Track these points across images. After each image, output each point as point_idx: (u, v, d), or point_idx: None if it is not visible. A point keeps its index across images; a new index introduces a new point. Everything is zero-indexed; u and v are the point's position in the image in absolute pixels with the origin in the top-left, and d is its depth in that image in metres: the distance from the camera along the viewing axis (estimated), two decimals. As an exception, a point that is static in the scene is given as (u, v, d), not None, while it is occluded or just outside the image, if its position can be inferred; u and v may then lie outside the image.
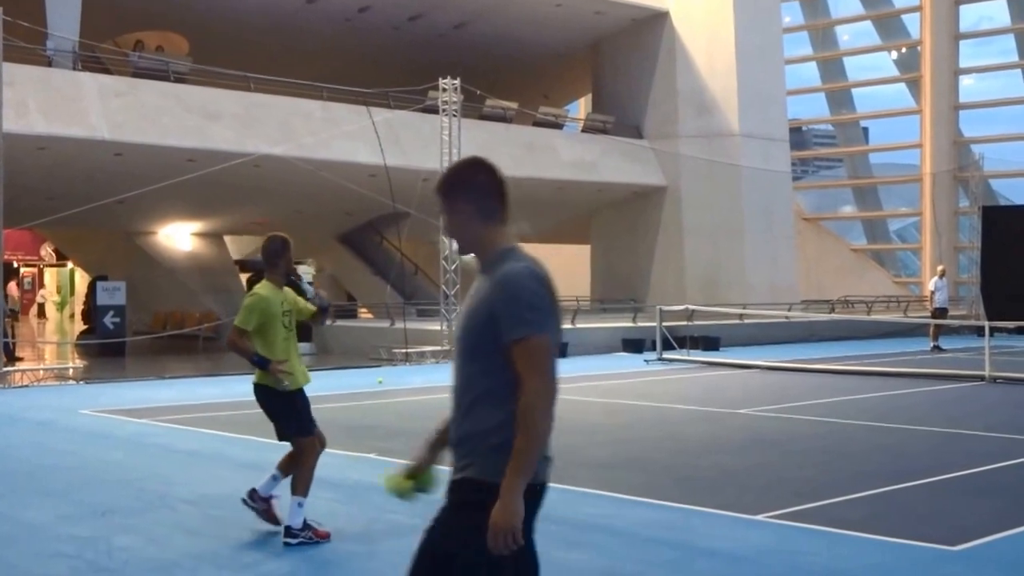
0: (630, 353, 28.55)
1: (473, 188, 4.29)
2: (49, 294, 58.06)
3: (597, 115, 37.45)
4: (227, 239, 38.98)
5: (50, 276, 59.32)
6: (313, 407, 8.37)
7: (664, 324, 26.75)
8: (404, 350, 25.99)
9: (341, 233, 38.65)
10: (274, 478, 8.40)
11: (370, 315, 36.49)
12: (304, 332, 29.54)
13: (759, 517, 8.63)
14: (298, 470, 8.12)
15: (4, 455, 11.81)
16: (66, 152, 24.86)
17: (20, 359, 25.11)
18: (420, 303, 33.61)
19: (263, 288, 8.29)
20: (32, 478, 10.45)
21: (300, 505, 7.99)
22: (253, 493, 8.41)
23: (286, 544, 7.91)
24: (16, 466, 11.07)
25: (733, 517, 8.66)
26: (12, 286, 55.57)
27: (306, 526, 8.00)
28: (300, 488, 8.02)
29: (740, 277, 36.61)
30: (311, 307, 8.54)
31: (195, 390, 19.24)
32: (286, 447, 8.36)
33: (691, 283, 36.38)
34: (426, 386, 20.13)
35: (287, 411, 8.23)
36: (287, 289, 8.45)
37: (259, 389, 8.28)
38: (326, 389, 19.41)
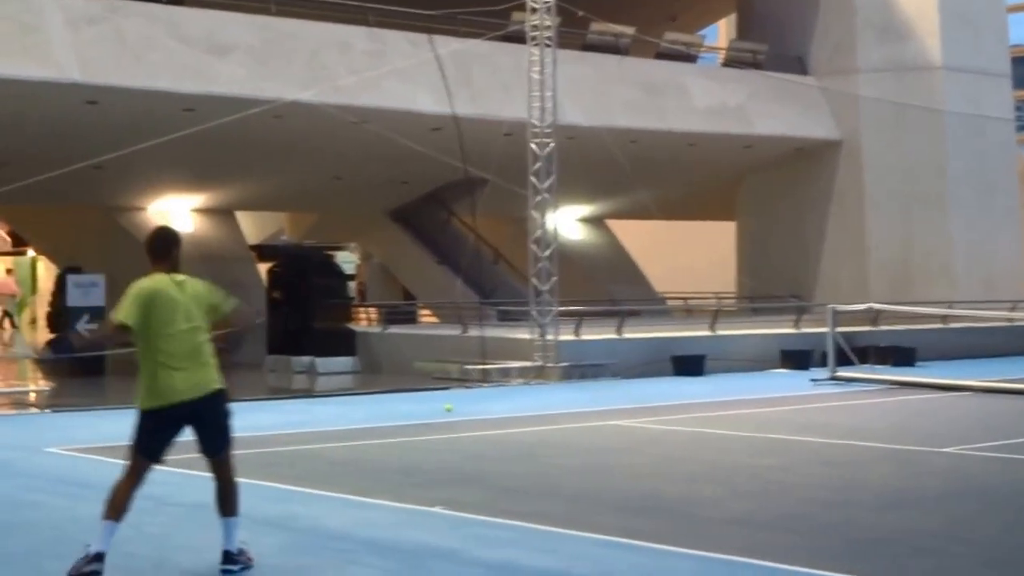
0: (791, 370, 28.41)
1: None
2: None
3: (744, 43, 37.30)
4: (240, 217, 39.39)
5: (2, 268, 60.33)
6: (357, 442, 8.50)
7: (838, 330, 26.58)
8: (481, 366, 26.13)
9: (394, 208, 38.86)
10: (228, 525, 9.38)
11: (434, 319, 36.65)
12: (344, 343, 29.98)
13: (966, 596, 8.60)
14: (234, 483, 9.48)
15: (-54, 508, 12.09)
16: (22, 100, 25.27)
17: (-35, 380, 25.61)
18: (503, 303, 33.70)
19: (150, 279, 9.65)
20: (-16, 538, 10.69)
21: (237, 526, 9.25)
22: (228, 555, 9.24)
23: (226, 572, 9.07)
24: (-38, 522, 11.34)
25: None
26: None
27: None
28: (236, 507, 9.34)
29: (944, 266, 36.26)
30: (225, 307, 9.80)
31: (198, 421, 19.47)
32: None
33: (876, 274, 36.11)
34: (511, 415, 20.21)
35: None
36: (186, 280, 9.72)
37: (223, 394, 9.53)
38: (374, 419, 19.58)
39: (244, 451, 15.93)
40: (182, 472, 14.27)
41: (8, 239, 55.89)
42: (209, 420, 9.52)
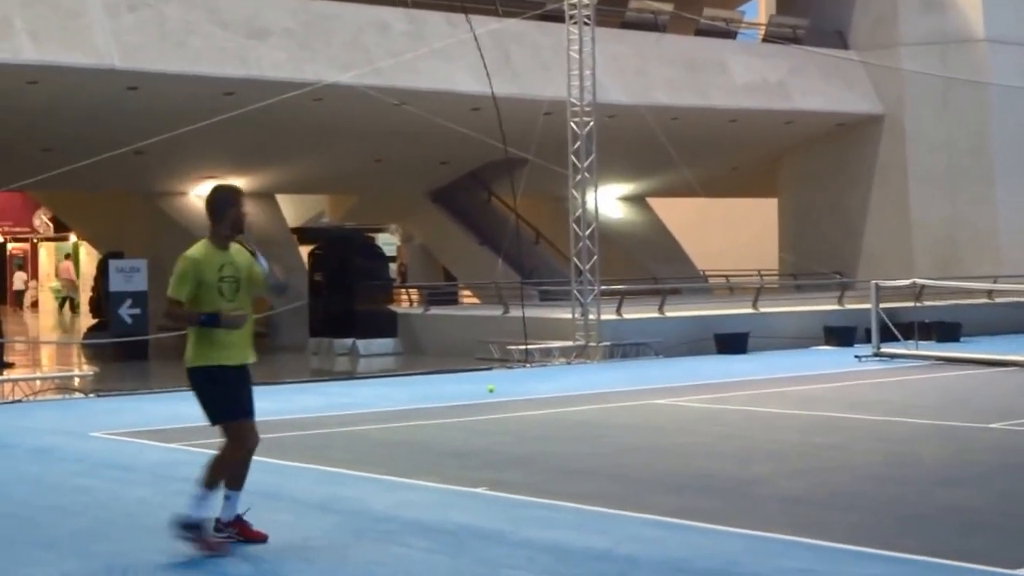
0: (835, 347, 28.35)
1: None
2: (45, 279, 59.47)
3: (784, 18, 37.15)
4: (281, 200, 39.47)
5: (46, 253, 60.76)
6: (400, 424, 8.45)
7: (883, 307, 26.45)
8: (523, 347, 26.10)
9: (435, 189, 38.89)
10: (227, 498, 9.39)
11: (476, 299, 36.66)
12: (386, 325, 30.01)
13: (1019, 572, 8.50)
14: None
15: (-8, 493, 12.14)
16: (65, 86, 25.40)
17: (10, 365, 25.77)
18: (544, 283, 33.68)
19: (196, 250, 9.61)
20: (29, 525, 10.70)
21: (205, 498, 9.19)
22: (218, 523, 9.29)
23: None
24: (8, 508, 11.36)
25: (980, 572, 8.55)
26: (20, 274, 57.36)
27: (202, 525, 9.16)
28: (220, 479, 9.32)
29: (989, 240, 36.05)
30: (262, 276, 9.86)
31: (242, 404, 19.50)
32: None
33: (920, 250, 35.94)
34: (554, 395, 20.19)
35: (223, 392, 9.59)
36: (235, 249, 9.75)
37: (198, 372, 9.49)
38: (417, 401, 19.58)
39: (288, 434, 16.02)
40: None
41: (51, 225, 56.26)
42: None
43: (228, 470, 9.42)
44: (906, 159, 36.39)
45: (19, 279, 58.79)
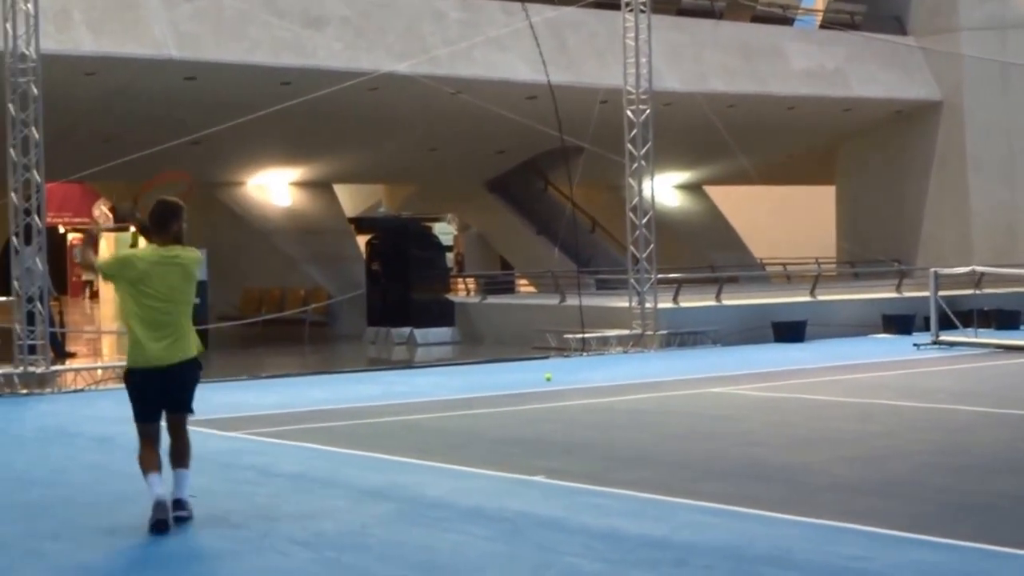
0: (893, 334, 28.26)
1: None
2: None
3: (842, 4, 36.95)
4: (338, 189, 39.64)
5: (105, 243, 61.12)
6: (458, 412, 8.56)
7: (941, 294, 26.33)
8: (580, 335, 26.14)
9: (491, 178, 38.94)
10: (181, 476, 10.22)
11: (532, 288, 36.71)
12: (443, 314, 30.11)
13: (1078, 560, 8.51)
14: (183, 442, 10.28)
15: (55, 481, 12.28)
16: (123, 77, 25.60)
17: (72, 355, 26.04)
18: (600, 271, 33.69)
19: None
20: (92, 511, 10.86)
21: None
22: (179, 503, 10.02)
23: (180, 519, 9.83)
24: (71, 495, 11.52)
25: (1040, 560, 8.56)
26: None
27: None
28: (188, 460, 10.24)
29: (1049, 226, 35.80)
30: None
31: (301, 393, 19.69)
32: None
33: (979, 237, 35.72)
34: (611, 384, 20.24)
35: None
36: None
37: (194, 363, 10.29)
38: (474, 389, 19.67)
39: (345, 422, 16.17)
40: (283, 443, 14.48)
41: (110, 215, 56.64)
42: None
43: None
44: (965, 145, 36.17)
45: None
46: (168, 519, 9.74)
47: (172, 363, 10.08)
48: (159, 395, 10.16)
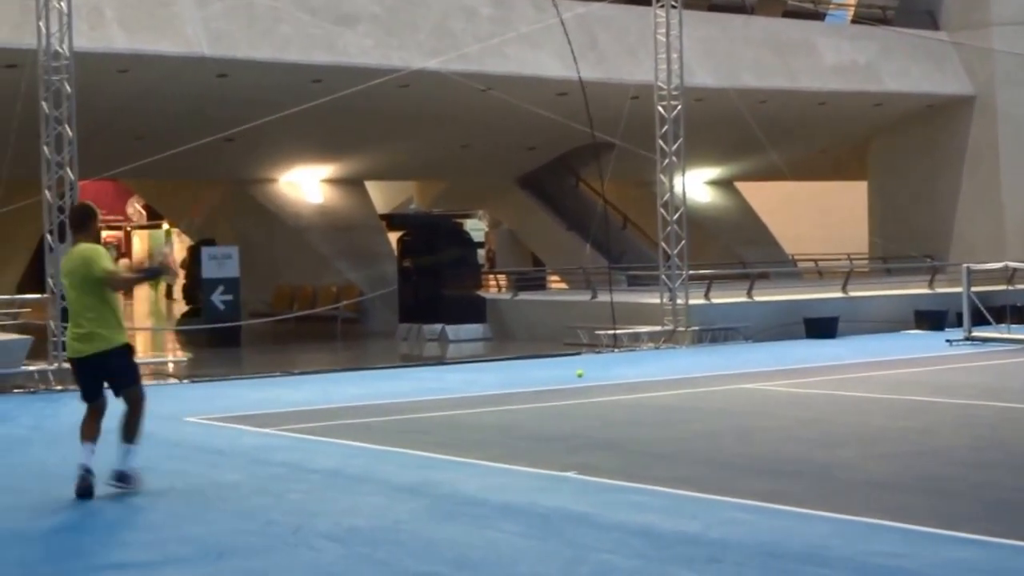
0: (926, 331, 28.18)
1: None
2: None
3: (873, -1, 36.85)
4: (369, 186, 39.72)
5: (139, 241, 61.50)
6: (490, 409, 8.56)
7: (974, 290, 26.25)
8: (612, 331, 26.13)
9: (522, 175, 38.96)
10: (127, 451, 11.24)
11: (564, 285, 36.71)
12: (474, 310, 30.14)
13: (1113, 557, 8.47)
14: (134, 419, 11.28)
15: (90, 477, 12.35)
16: (155, 75, 25.69)
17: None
18: (632, 268, 33.67)
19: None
20: (127, 507, 10.90)
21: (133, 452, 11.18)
22: (120, 475, 11.10)
23: (120, 488, 10.95)
24: (107, 491, 11.55)
25: (1076, 557, 8.52)
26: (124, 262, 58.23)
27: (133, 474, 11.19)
28: (138, 436, 11.21)
29: (1083, 221, 35.66)
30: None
31: (333, 389, 19.73)
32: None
33: (1012, 232, 35.59)
34: (643, 380, 20.21)
35: (130, 362, 11.49)
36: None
37: (127, 348, 11.39)
38: (507, 385, 19.67)
39: (378, 418, 16.18)
40: (316, 439, 14.51)
41: (144, 213, 56.93)
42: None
43: (139, 425, 11.31)
44: (998, 140, 36.01)
45: (123, 267, 59.62)
46: (87, 486, 10.85)
47: (91, 354, 11.19)
48: (91, 380, 11.33)
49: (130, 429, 11.24)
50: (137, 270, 11.88)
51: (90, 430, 11.23)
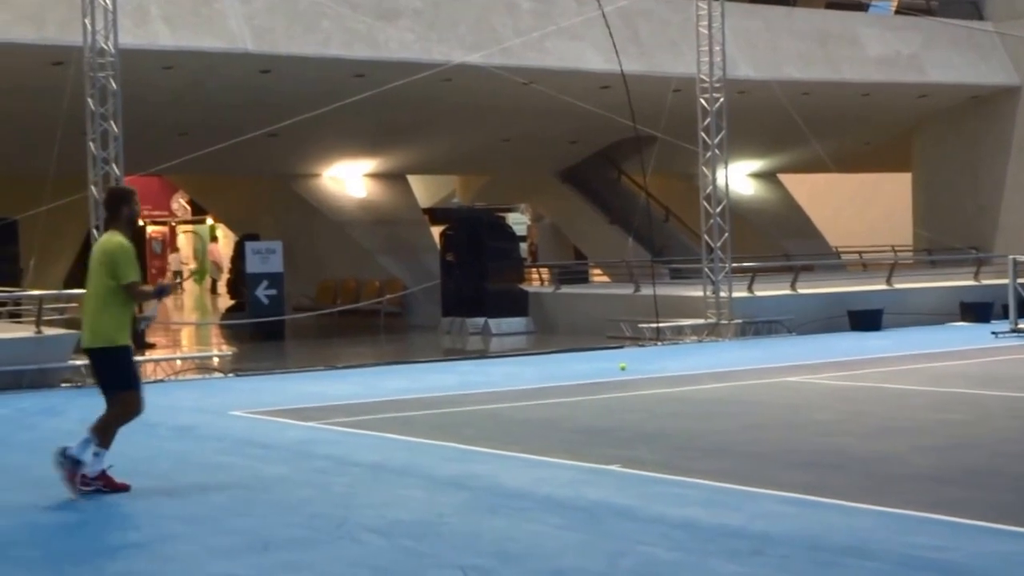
0: (971, 323, 28.06)
1: None
2: (184, 260, 60.55)
3: (917, -10, 36.67)
4: (412, 181, 39.78)
5: (184, 237, 61.78)
6: (533, 402, 8.56)
7: (1020, 282, 26.10)
8: (655, 325, 26.10)
9: (564, 169, 38.94)
10: (96, 455, 10.90)
11: (606, 278, 36.70)
12: (517, 304, 30.16)
13: None
14: (109, 417, 11.00)
15: (136, 470, 12.38)
16: (200, 71, 25.80)
17: (152, 346, 26.26)
18: (674, 260, 33.62)
19: (123, 239, 11.14)
20: (172, 499, 10.98)
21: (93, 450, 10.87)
22: (67, 455, 10.82)
23: (59, 464, 10.77)
24: (152, 484, 11.63)
25: (1122, 549, 8.47)
26: (175, 256, 58.70)
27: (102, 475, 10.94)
28: (103, 436, 10.91)
29: None
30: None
31: (377, 383, 19.80)
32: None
33: (1058, 222, 35.37)
34: (686, 373, 20.19)
35: (127, 364, 11.19)
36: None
37: (126, 349, 11.11)
38: (549, 379, 19.69)
39: (421, 412, 16.23)
40: (359, 433, 14.55)
41: (188, 208, 57.21)
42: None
43: (115, 431, 11.05)
44: (1043, 131, 35.82)
45: (175, 261, 60.06)
46: (55, 460, 10.86)
47: (85, 347, 11.32)
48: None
49: (99, 423, 10.98)
50: (156, 288, 11.68)
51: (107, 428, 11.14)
